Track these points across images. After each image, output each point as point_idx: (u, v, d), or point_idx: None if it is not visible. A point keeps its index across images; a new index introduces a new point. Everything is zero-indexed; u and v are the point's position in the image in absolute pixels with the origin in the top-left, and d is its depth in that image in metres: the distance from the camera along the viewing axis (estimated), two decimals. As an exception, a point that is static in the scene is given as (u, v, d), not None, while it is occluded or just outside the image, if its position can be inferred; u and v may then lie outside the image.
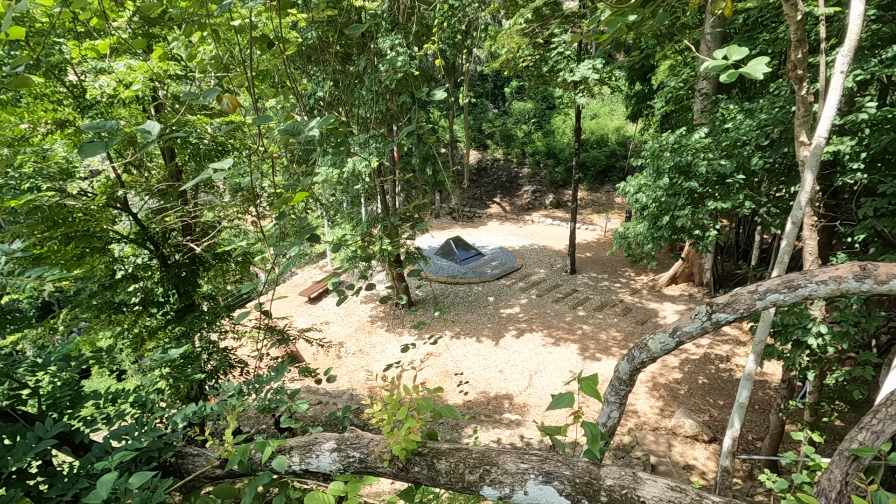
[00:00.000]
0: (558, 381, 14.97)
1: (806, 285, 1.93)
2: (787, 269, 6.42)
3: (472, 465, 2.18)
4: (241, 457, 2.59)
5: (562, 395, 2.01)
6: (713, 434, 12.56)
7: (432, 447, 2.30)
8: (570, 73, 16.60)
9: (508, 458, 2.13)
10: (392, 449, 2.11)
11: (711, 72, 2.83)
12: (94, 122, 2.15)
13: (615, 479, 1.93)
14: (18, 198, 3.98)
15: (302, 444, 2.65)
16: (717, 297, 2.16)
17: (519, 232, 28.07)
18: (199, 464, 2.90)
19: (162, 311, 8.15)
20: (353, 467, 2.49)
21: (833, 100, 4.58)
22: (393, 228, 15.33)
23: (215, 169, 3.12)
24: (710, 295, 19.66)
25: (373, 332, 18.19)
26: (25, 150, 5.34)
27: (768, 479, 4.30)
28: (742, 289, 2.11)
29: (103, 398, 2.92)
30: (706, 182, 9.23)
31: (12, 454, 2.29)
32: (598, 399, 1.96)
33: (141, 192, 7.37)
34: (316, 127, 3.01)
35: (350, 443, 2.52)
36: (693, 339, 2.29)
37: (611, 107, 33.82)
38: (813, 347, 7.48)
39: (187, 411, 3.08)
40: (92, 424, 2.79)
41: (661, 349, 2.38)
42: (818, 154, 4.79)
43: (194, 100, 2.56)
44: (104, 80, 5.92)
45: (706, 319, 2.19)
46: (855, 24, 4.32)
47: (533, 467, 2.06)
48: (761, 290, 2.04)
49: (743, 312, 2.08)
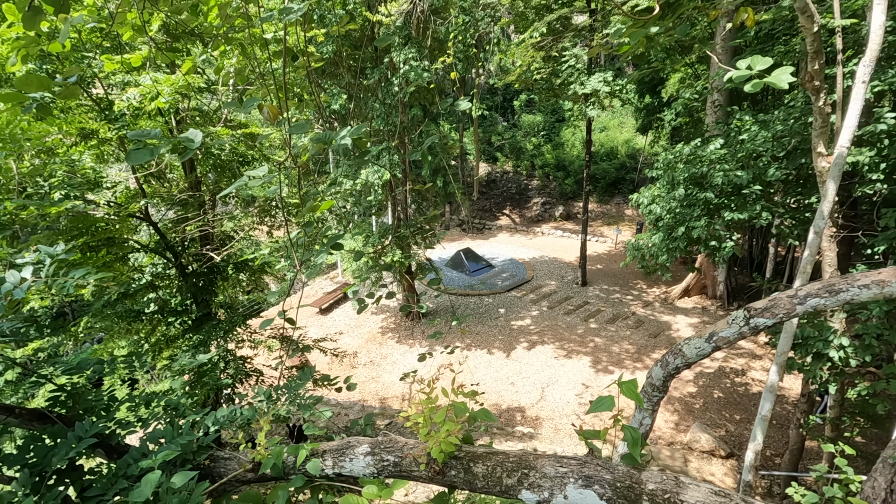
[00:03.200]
0: (571, 393, 14.83)
1: (847, 289, 1.93)
2: (808, 281, 6.36)
3: (510, 468, 2.18)
4: (276, 460, 2.60)
5: (602, 398, 2.01)
6: (730, 449, 12.34)
7: (468, 451, 2.31)
8: (581, 86, 16.73)
9: (546, 462, 2.13)
10: (431, 451, 2.12)
11: (735, 81, 2.85)
12: (139, 130, 2.23)
13: (657, 484, 1.92)
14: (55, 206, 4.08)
15: (335, 448, 2.66)
16: (756, 303, 2.17)
17: (529, 244, 28.05)
18: (231, 467, 2.91)
19: (180, 319, 8.23)
20: (387, 471, 2.50)
21: (855, 110, 4.59)
22: (405, 240, 15.40)
23: (250, 176, 3.19)
24: (723, 308, 19.46)
25: (383, 343, 18.18)
26: (55, 161, 5.48)
27: (796, 492, 4.22)
28: (781, 293, 2.11)
29: (137, 400, 2.96)
30: (721, 193, 9.21)
31: (55, 453, 2.33)
32: (640, 402, 1.96)
33: (162, 203, 7.50)
34: (347, 136, 3.08)
35: (384, 446, 2.53)
36: (730, 345, 2.29)
37: (620, 119, 33.92)
38: (834, 360, 7.37)
39: (218, 415, 3.11)
40: (127, 427, 2.83)
41: (696, 354, 2.38)
42: (840, 164, 4.78)
43: (234, 110, 2.63)
44: (132, 92, 6.07)
45: (744, 324, 2.19)
46: (876, 34, 4.34)
47: (572, 471, 2.06)
48: (801, 295, 2.04)
49: (782, 317, 2.08)
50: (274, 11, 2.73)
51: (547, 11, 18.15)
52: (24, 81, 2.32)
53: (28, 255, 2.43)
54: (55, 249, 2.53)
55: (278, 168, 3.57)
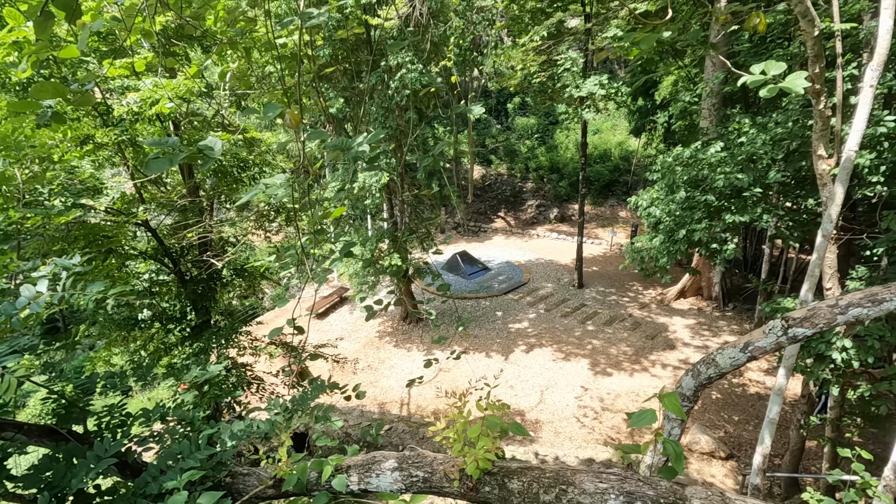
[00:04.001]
0: (570, 396, 14.82)
1: (892, 299, 1.91)
2: (816, 284, 6.39)
3: (547, 484, 2.13)
4: (300, 476, 2.53)
5: (643, 412, 1.97)
6: (730, 451, 12.38)
7: (502, 465, 2.26)
8: (577, 89, 16.79)
9: (585, 478, 2.08)
10: (467, 468, 2.06)
11: (750, 86, 2.84)
12: (158, 138, 2.15)
13: (703, 500, 1.88)
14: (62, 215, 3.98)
15: (360, 463, 2.59)
16: (794, 312, 2.14)
17: (525, 246, 28.07)
18: (251, 483, 2.84)
19: (179, 327, 8.10)
20: (416, 486, 2.44)
21: (863, 113, 4.61)
22: (402, 244, 15.33)
23: (267, 184, 3.12)
24: (718, 309, 19.59)
25: (381, 348, 18.07)
26: (54, 167, 5.36)
27: (812, 497, 4.21)
28: (821, 303, 2.08)
29: (153, 415, 2.87)
30: (721, 196, 9.25)
31: (74, 474, 2.24)
32: (682, 416, 1.92)
33: (161, 209, 7.38)
34: (364, 143, 3.02)
35: (413, 461, 2.47)
36: (766, 355, 2.26)
37: (613, 122, 34.12)
38: (837, 362, 7.41)
39: (234, 429, 3.04)
40: (144, 443, 2.74)
41: (730, 364, 2.35)
42: (849, 167, 4.81)
43: (255, 117, 2.57)
44: (132, 97, 5.97)
45: (781, 334, 2.16)
46: (884, 38, 4.37)
47: (612, 487, 2.02)
48: (842, 304, 2.02)
49: (822, 327, 2.06)
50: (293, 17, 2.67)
51: (542, 15, 18.22)
52: (39, 89, 2.25)
53: (43, 267, 2.35)
54: (71, 261, 2.45)
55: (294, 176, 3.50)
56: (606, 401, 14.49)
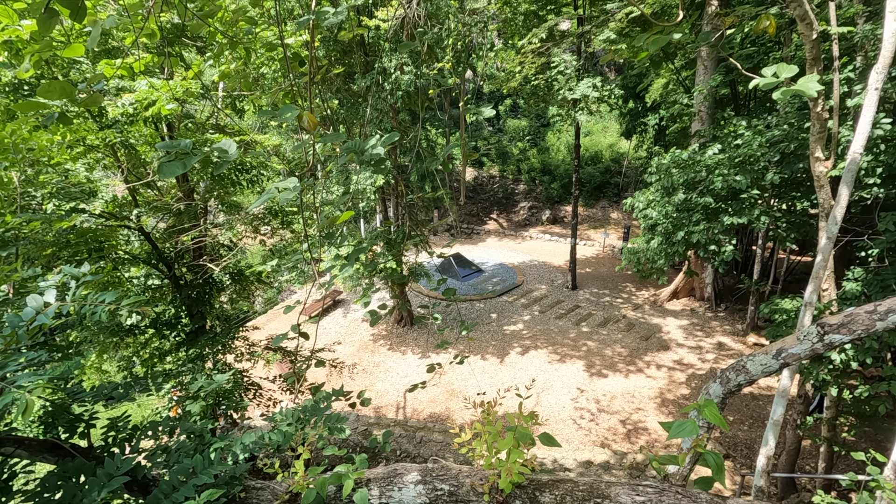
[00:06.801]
0: (566, 398, 14.81)
1: (933, 305, 1.88)
2: (820, 286, 6.42)
3: (581, 497, 2.07)
4: (320, 490, 2.45)
5: (682, 422, 1.92)
6: (725, 451, 12.45)
7: (533, 478, 2.19)
8: (570, 91, 16.85)
9: (621, 491, 2.03)
10: (500, 482, 1.99)
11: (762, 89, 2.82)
12: (170, 141, 2.07)
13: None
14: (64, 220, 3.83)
15: (381, 477, 2.51)
16: (829, 318, 2.10)
17: (518, 248, 28.10)
18: (265, 497, 2.74)
19: (174, 332, 7.93)
20: (441, 500, 2.36)
21: (868, 115, 4.64)
22: (397, 247, 15.22)
23: (279, 188, 3.03)
24: (711, 309, 19.75)
25: (376, 351, 17.94)
26: (47, 170, 5.20)
27: (822, 500, 4.21)
28: (858, 308, 2.05)
29: (161, 428, 2.76)
30: (718, 197, 9.30)
31: (85, 493, 2.13)
32: (724, 427, 1.87)
33: (156, 212, 7.22)
34: (378, 145, 2.95)
35: (437, 474, 2.39)
36: (799, 361, 2.22)
37: (604, 124, 34.33)
38: (836, 363, 7.47)
39: (246, 440, 2.93)
40: (153, 458, 2.63)
41: (761, 371, 2.31)
42: (854, 170, 4.84)
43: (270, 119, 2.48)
44: (126, 98, 5.83)
45: (817, 340, 2.12)
46: (889, 41, 4.39)
47: (650, 500, 1.96)
48: (881, 310, 1.98)
49: (860, 333, 2.03)
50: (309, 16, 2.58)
51: (535, 18, 18.27)
52: (46, 89, 2.14)
53: (52, 277, 2.24)
54: (79, 271, 2.34)
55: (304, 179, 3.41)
56: (602, 402, 14.50)
